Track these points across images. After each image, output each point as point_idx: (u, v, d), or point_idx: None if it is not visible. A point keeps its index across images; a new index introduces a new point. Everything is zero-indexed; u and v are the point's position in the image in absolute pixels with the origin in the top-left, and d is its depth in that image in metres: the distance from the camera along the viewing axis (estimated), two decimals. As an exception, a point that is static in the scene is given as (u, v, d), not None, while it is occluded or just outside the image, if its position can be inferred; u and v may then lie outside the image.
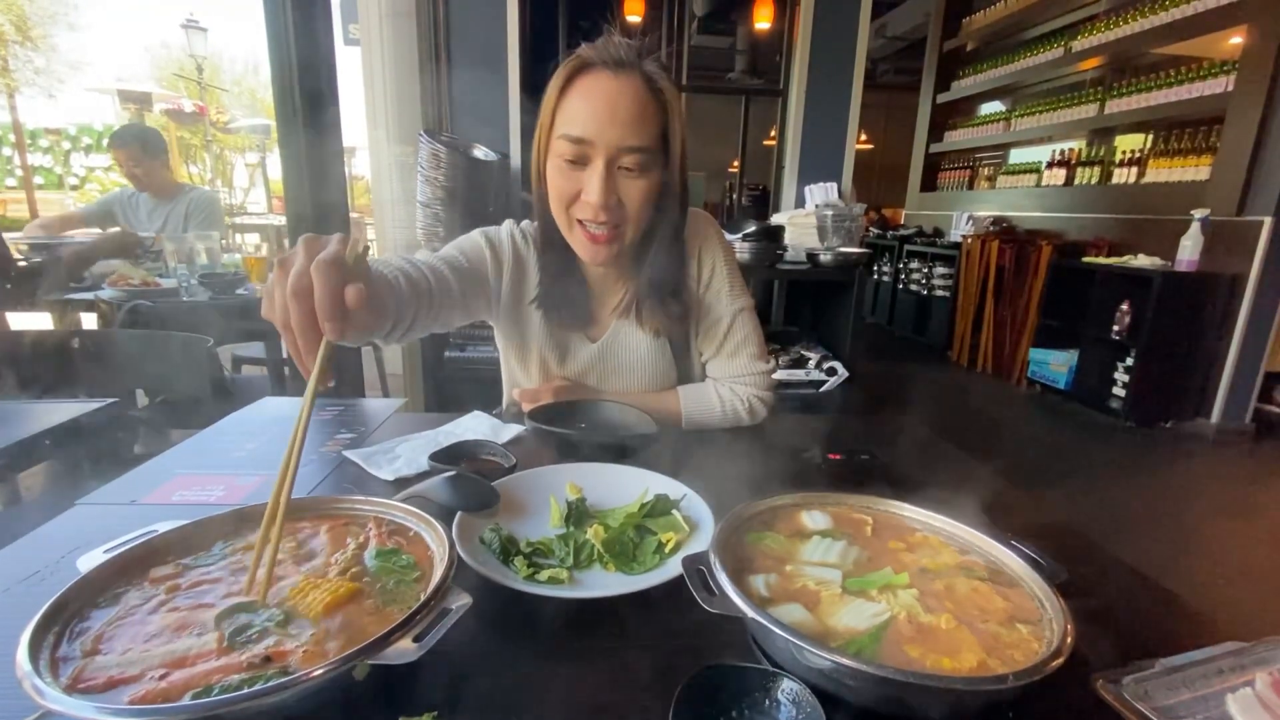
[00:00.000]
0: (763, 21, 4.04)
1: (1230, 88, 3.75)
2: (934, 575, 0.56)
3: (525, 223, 1.14)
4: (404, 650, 0.43)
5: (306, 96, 1.79)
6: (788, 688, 0.45)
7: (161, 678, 0.42)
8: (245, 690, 0.39)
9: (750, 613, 0.47)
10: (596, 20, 1.01)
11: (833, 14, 3.21)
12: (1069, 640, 0.46)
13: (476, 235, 1.09)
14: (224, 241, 3.27)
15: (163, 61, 14.88)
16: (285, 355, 2.55)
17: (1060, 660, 0.44)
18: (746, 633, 0.55)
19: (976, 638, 0.48)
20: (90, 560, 0.53)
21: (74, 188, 11.69)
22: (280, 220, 8.47)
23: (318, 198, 1.80)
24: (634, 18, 4.13)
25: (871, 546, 0.61)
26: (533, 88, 3.23)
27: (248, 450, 0.98)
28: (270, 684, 0.40)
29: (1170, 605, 0.63)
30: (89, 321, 2.45)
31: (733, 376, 1.13)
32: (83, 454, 1.08)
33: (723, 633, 0.56)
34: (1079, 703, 0.47)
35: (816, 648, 0.44)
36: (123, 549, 0.54)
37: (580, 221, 0.95)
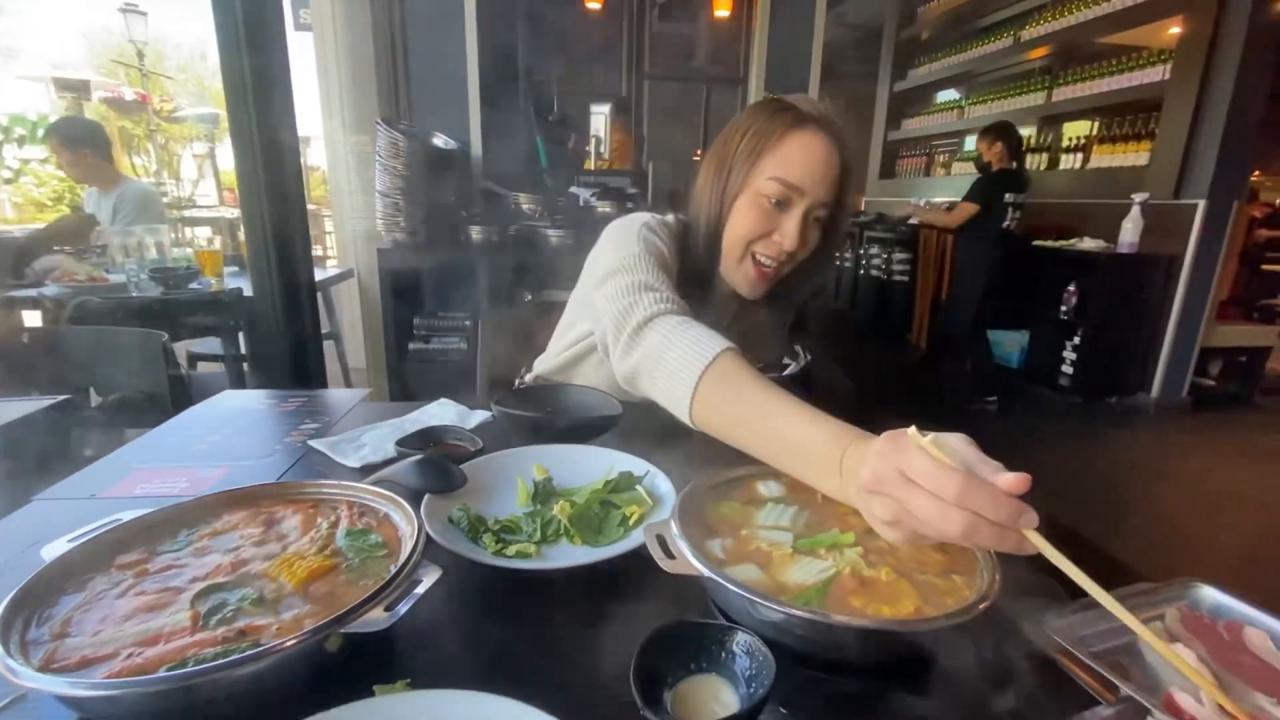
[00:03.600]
0: (722, 10, 4.05)
1: (1167, 76, 3.91)
2: (878, 534, 0.60)
3: (660, 218, 1.10)
4: (375, 619, 0.45)
5: (257, 83, 1.75)
6: (742, 640, 0.48)
7: (135, 655, 0.43)
8: (220, 661, 0.41)
9: (706, 572, 0.50)
10: (555, 7, 1.03)
11: (790, 2, 3.25)
12: (996, 586, 0.50)
13: (656, 242, 1.00)
14: (174, 236, 3.16)
15: (101, 48, 14.19)
16: (243, 351, 2.49)
17: (987, 603, 0.48)
18: (707, 595, 0.58)
19: (914, 588, 0.53)
20: (54, 549, 0.53)
21: (8, 181, 11.09)
22: (233, 213, 8.19)
23: (273, 190, 1.77)
24: (594, 4, 4.10)
25: (821, 511, 0.65)
26: (493, 78, 3.19)
27: (209, 443, 0.97)
28: (245, 654, 0.41)
29: (1093, 554, 0.68)
30: (32, 320, 2.36)
31: None
32: (34, 452, 1.06)
33: (685, 597, 0.59)
34: (1009, 642, 0.52)
35: (766, 600, 0.47)
36: (87, 538, 0.55)
37: (754, 255, 1.01)
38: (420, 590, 0.49)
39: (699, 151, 6.10)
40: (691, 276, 1.07)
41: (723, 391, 0.70)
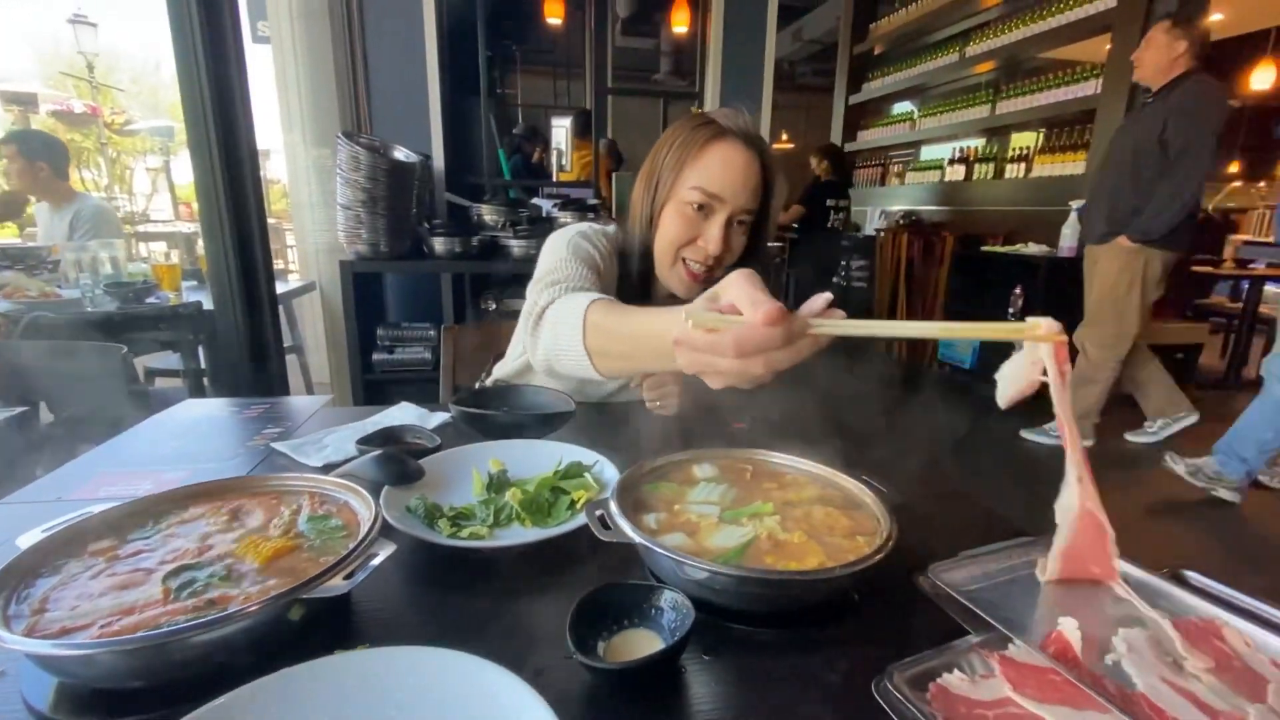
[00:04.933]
0: (680, 26, 4.17)
1: (1099, 90, 4.15)
2: (796, 505, 0.67)
3: (600, 227, 1.18)
4: (335, 586, 0.50)
5: (216, 95, 1.77)
6: (667, 596, 0.55)
7: (111, 624, 0.47)
8: (193, 622, 0.45)
9: (637, 539, 0.56)
10: (517, 19, 1.10)
11: (742, 19, 3.37)
12: (890, 543, 0.57)
13: (585, 246, 1.08)
14: (128, 251, 3.12)
15: (50, 59, 13.78)
16: (202, 365, 2.48)
17: (880, 556, 0.55)
18: (642, 564, 0.64)
19: (822, 547, 0.59)
20: (29, 538, 0.57)
21: (-53, 196, 10.67)
22: (189, 228, 8.02)
23: (233, 202, 1.78)
24: (554, 20, 4.18)
25: (749, 488, 0.72)
26: (455, 89, 3.24)
27: (172, 448, 1.00)
28: (217, 616, 0.46)
29: (986, 517, 0.77)
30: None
31: None
32: (-6, 463, 1.06)
33: (623, 566, 0.65)
34: (904, 592, 0.59)
35: (689, 559, 0.53)
36: (60, 528, 0.58)
37: (684, 260, 1.08)
38: (376, 562, 0.54)
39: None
40: (633, 282, 1.15)
41: (602, 340, 0.77)
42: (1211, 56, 2.83)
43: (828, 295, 0.52)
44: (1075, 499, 0.56)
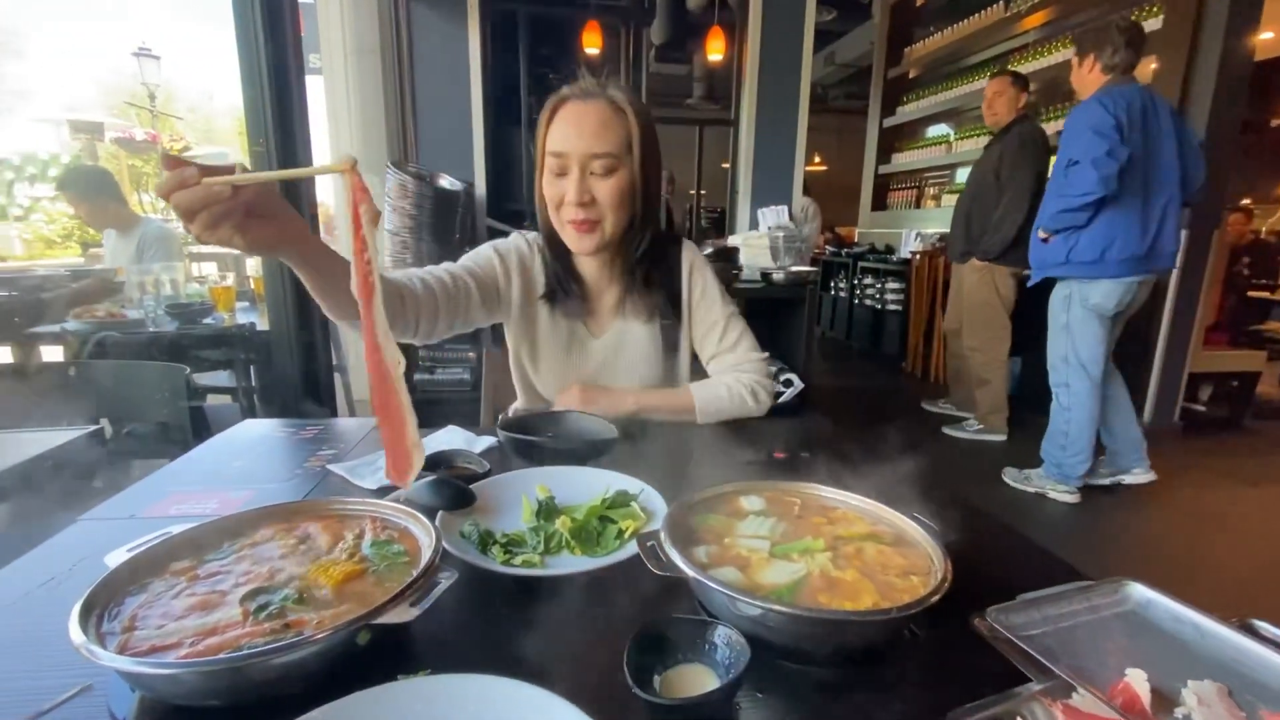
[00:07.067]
0: (715, 53, 4.24)
1: (1144, 112, 4.07)
2: (847, 541, 0.67)
3: (532, 233, 1.32)
4: (402, 612, 0.52)
5: (278, 122, 1.87)
6: (721, 632, 0.55)
7: (197, 643, 0.50)
8: (272, 645, 0.47)
9: (691, 573, 0.57)
10: (556, 50, 1.21)
11: (778, 46, 3.42)
12: (946, 583, 0.57)
13: (486, 248, 1.29)
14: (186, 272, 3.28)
15: (114, 89, 14.63)
16: (254, 383, 2.57)
17: (936, 598, 0.55)
18: (693, 596, 0.64)
19: (876, 586, 0.59)
20: (116, 557, 0.60)
21: (18, 218, 11.34)
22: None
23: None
24: (592, 49, 4.28)
25: (798, 522, 0.72)
26: (497, 119, 3.34)
27: (236, 468, 1.04)
28: (295, 639, 0.48)
29: (1040, 558, 0.75)
30: (51, 354, 2.45)
31: (735, 366, 1.31)
32: (70, 478, 1.12)
33: (673, 598, 0.65)
34: (960, 634, 0.58)
35: (743, 596, 0.54)
36: (144, 548, 0.62)
37: (567, 222, 1.17)
38: (439, 590, 0.56)
39: (693, 189, 6.25)
40: (556, 260, 1.27)
41: None
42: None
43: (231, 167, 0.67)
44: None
